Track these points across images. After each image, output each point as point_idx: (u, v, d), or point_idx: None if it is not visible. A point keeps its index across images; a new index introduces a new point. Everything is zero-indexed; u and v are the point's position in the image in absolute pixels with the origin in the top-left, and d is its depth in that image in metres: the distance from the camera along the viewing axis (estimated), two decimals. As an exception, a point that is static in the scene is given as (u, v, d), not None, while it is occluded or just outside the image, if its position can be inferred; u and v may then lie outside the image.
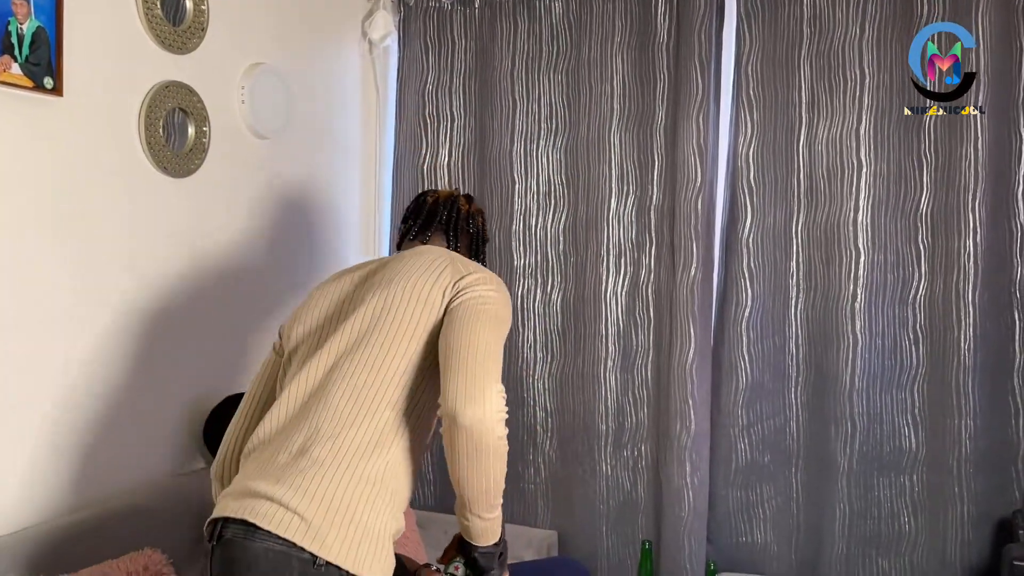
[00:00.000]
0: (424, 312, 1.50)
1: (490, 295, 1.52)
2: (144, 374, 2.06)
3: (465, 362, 1.39)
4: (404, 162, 2.87)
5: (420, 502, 2.91)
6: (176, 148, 2.13)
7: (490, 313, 1.48)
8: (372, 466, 1.43)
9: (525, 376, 2.76)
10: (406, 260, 1.59)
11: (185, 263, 2.17)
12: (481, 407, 1.36)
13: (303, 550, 1.35)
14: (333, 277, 1.70)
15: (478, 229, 1.87)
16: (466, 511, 1.51)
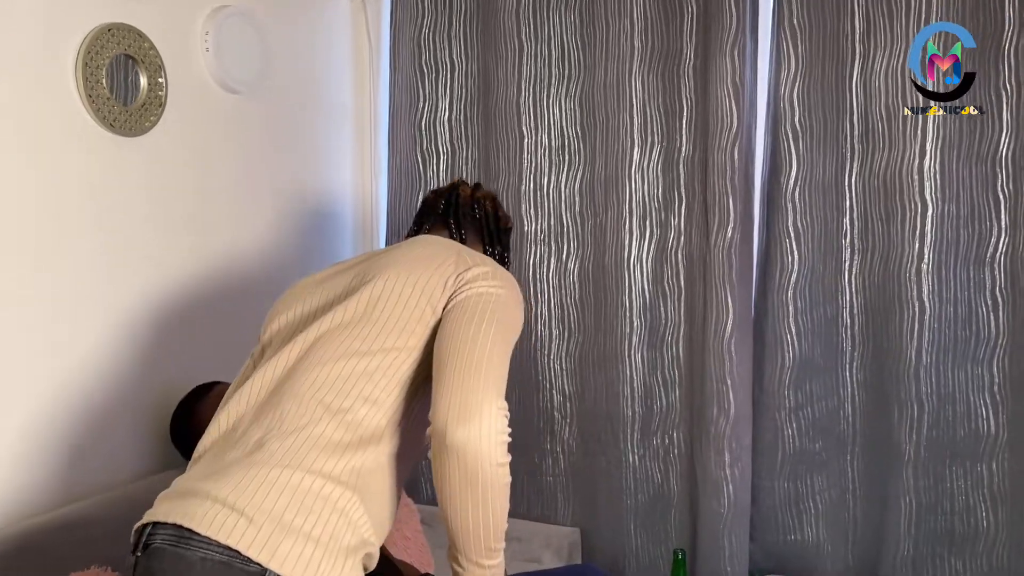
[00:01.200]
0: (423, 303, 1.28)
1: (498, 293, 1.30)
2: (99, 367, 1.79)
3: (461, 371, 1.17)
4: (400, 118, 2.56)
5: (428, 496, 2.63)
6: (125, 102, 1.84)
7: (497, 314, 1.26)
8: (341, 467, 1.17)
9: (539, 356, 2.45)
10: (406, 247, 1.39)
11: (143, 231, 1.89)
12: (476, 427, 1.13)
13: (249, 561, 1.08)
14: (326, 270, 1.47)
15: (487, 215, 1.64)
16: (459, 556, 1.24)
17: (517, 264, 2.45)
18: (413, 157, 2.53)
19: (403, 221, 2.58)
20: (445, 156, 2.53)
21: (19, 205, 1.63)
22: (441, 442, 1.14)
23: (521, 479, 2.51)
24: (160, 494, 1.22)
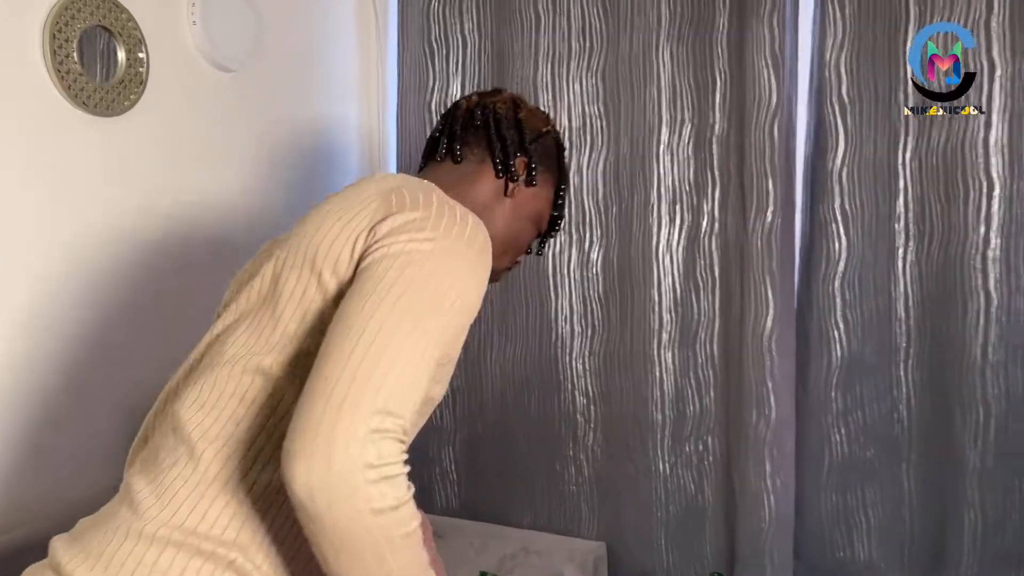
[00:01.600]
0: (314, 280, 0.93)
1: (423, 250, 0.89)
2: (69, 369, 1.63)
3: (330, 375, 0.81)
4: (408, 98, 2.38)
5: (443, 505, 2.45)
6: (99, 77, 1.68)
7: (409, 286, 0.86)
8: (207, 516, 0.89)
9: (561, 354, 2.25)
10: (329, 200, 1.01)
11: (120, 222, 1.73)
12: (320, 461, 0.76)
13: None
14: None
15: (497, 119, 1.20)
16: None
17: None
18: (423, 135, 2.35)
19: (413, 210, 2.40)
20: (457, 139, 2.34)
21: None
22: (288, 487, 0.79)
23: (542, 487, 2.31)
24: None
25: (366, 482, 0.77)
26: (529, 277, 2.27)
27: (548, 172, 1.25)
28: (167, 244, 1.84)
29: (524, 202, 1.23)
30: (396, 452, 0.81)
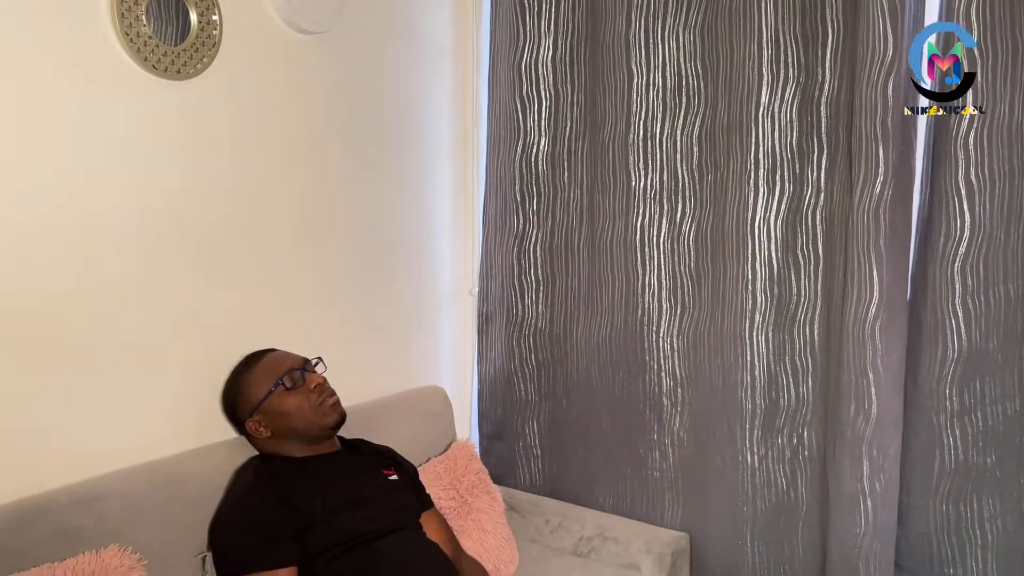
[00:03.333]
0: None
1: None
2: (144, 322, 1.67)
3: None
4: (500, 59, 2.28)
5: (525, 480, 2.38)
6: (168, 40, 1.68)
7: None
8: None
9: (647, 331, 2.12)
10: None
11: (195, 188, 1.74)
12: None
13: None
14: None
15: None
16: None
17: (623, 225, 2.12)
18: (512, 103, 2.25)
19: (501, 176, 2.31)
20: (547, 101, 2.22)
21: (51, 159, 1.50)
22: None
23: (624, 471, 2.20)
24: None
25: None
26: (616, 250, 2.14)
27: None
28: (237, 211, 1.84)
29: None
30: None
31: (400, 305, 2.31)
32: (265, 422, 1.71)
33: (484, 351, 2.44)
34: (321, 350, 1.84)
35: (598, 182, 2.17)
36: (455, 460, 2.11)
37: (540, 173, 2.26)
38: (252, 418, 1.72)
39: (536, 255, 2.30)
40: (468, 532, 2.00)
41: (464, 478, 2.08)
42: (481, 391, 2.46)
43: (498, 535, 2.06)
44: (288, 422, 1.71)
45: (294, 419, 1.71)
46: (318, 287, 2.04)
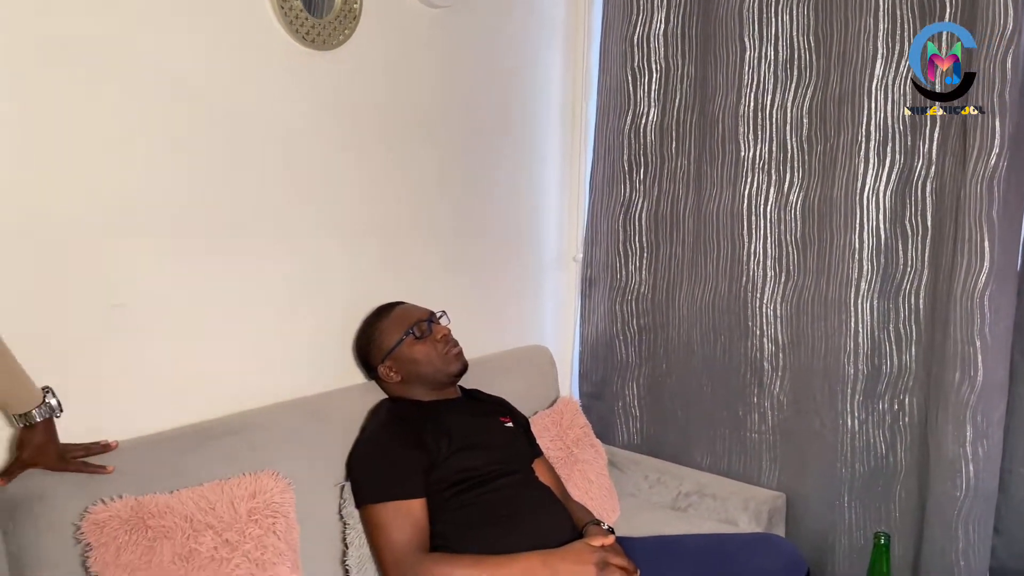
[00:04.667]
0: None
1: None
2: (281, 273, 1.83)
3: None
4: (612, 32, 2.37)
5: (623, 439, 2.49)
6: (316, 13, 1.83)
7: None
8: None
9: (751, 298, 2.19)
10: None
11: (331, 151, 1.89)
12: None
13: None
14: None
15: None
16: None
17: (730, 194, 2.19)
18: (623, 75, 2.33)
19: (610, 145, 2.41)
20: (657, 74, 2.30)
21: (209, 116, 1.67)
22: None
23: (723, 432, 2.29)
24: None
25: None
26: (722, 218, 2.22)
27: None
28: (369, 172, 1.99)
29: None
30: None
31: (508, 268, 2.43)
32: (395, 367, 1.86)
33: (587, 314, 2.55)
34: (438, 306, 1.97)
35: (706, 152, 2.24)
36: (561, 414, 2.23)
37: (648, 143, 2.34)
38: (384, 364, 1.87)
39: (641, 222, 2.39)
40: (574, 481, 2.12)
41: (570, 431, 2.20)
42: (583, 352, 2.57)
43: (601, 485, 2.18)
44: (416, 368, 1.85)
45: (422, 366, 1.85)
46: (437, 248, 2.18)
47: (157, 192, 1.59)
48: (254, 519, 1.51)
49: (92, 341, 1.53)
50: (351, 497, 1.72)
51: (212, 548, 1.44)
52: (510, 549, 1.63)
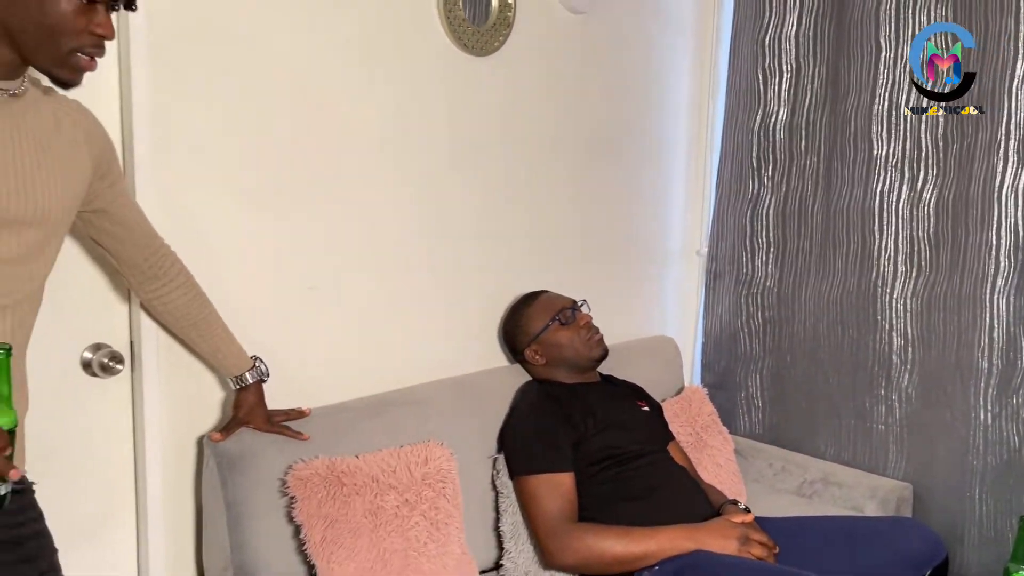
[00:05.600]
0: None
1: None
2: (440, 262, 1.99)
3: None
4: (743, 34, 2.44)
5: (745, 428, 2.57)
6: (478, 23, 1.98)
7: None
8: None
9: (881, 292, 2.24)
10: None
11: (486, 148, 2.04)
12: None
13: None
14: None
15: None
16: None
17: (861, 191, 2.25)
18: (753, 75, 2.41)
19: (738, 143, 2.49)
20: (788, 74, 2.37)
21: (380, 115, 1.83)
22: None
23: (848, 423, 2.35)
24: None
25: None
26: (852, 215, 2.27)
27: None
28: (516, 168, 2.13)
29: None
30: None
31: (635, 261, 2.54)
32: (541, 351, 1.99)
33: (711, 307, 2.64)
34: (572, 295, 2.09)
35: (837, 150, 2.30)
36: (689, 402, 2.33)
37: (778, 141, 2.42)
38: (530, 347, 2.01)
39: (769, 218, 2.47)
40: (703, 465, 2.22)
41: (698, 418, 2.30)
42: (706, 343, 2.66)
43: (729, 471, 2.27)
44: (560, 352, 1.98)
45: (566, 350, 1.98)
46: (572, 241, 2.31)
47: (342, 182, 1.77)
48: (427, 483, 1.67)
49: (291, 319, 1.71)
50: (504, 468, 1.87)
51: (395, 506, 1.60)
52: (651, 524, 1.75)
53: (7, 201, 1.06)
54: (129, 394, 1.56)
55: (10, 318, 1.10)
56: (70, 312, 1.44)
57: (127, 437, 1.56)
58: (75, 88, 1.11)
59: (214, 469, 1.52)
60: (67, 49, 1.05)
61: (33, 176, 1.10)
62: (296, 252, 1.71)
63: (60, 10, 1.03)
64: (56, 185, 1.13)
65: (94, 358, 1.49)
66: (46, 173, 1.12)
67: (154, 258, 1.39)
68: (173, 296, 1.43)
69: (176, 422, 1.59)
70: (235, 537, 1.51)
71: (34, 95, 1.13)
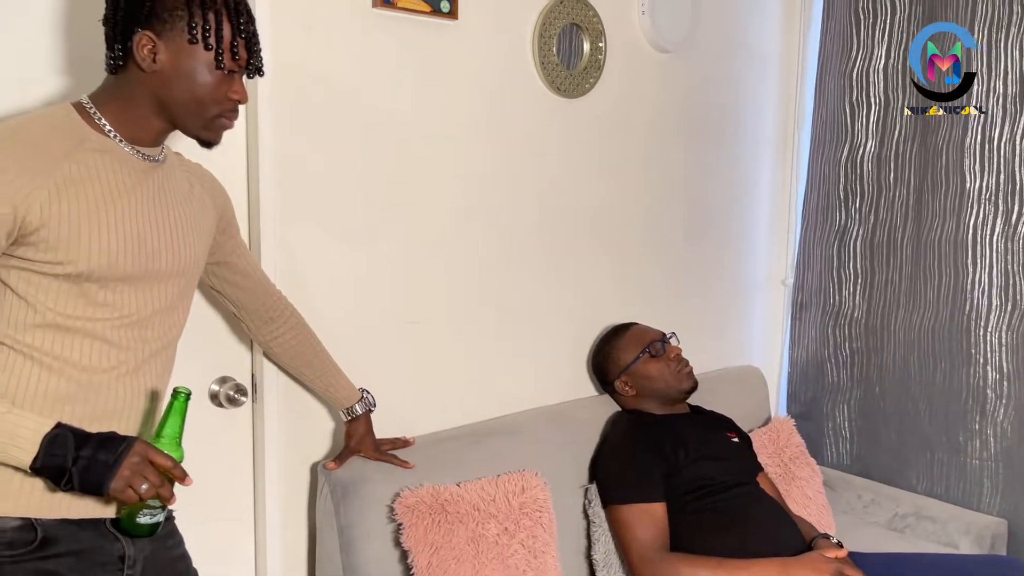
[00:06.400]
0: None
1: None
2: (531, 295, 2.07)
3: None
4: (829, 67, 2.47)
5: (833, 460, 2.57)
6: (570, 67, 2.06)
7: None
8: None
9: (975, 326, 2.23)
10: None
11: (575, 186, 2.12)
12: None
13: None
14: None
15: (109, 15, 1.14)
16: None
17: (953, 224, 2.24)
18: (840, 107, 2.43)
19: (824, 175, 2.50)
20: (876, 107, 2.38)
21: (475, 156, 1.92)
22: None
23: (941, 457, 2.33)
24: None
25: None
26: (944, 248, 2.27)
27: (168, 26, 1.11)
28: (601, 207, 2.20)
29: (169, 68, 1.13)
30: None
31: (719, 292, 2.57)
32: (631, 383, 2.05)
33: (797, 337, 2.65)
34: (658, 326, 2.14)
35: (927, 182, 2.30)
36: (777, 433, 2.34)
37: (866, 173, 2.43)
38: (620, 379, 2.06)
39: (856, 249, 2.47)
40: (792, 497, 2.23)
41: (786, 449, 2.31)
42: (792, 373, 2.67)
43: (818, 503, 2.27)
44: (651, 384, 2.03)
45: (656, 382, 2.03)
46: (659, 272, 2.36)
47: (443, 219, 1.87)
48: (525, 512, 1.74)
49: (393, 352, 1.81)
50: (596, 497, 1.92)
51: (496, 534, 1.67)
52: (744, 555, 1.77)
53: (162, 257, 1.18)
54: (250, 424, 1.67)
55: (161, 361, 1.22)
56: (200, 348, 1.56)
57: (248, 463, 1.68)
58: (216, 146, 1.23)
59: (328, 495, 1.62)
60: (212, 115, 1.18)
61: (178, 233, 1.22)
62: (397, 289, 1.81)
63: (208, 82, 1.15)
64: (194, 240, 1.26)
65: (221, 390, 1.62)
66: (186, 230, 1.24)
67: (269, 302, 1.51)
68: (287, 338, 1.54)
69: (292, 450, 1.70)
70: (347, 559, 1.61)
71: (171, 160, 1.26)
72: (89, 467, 1.02)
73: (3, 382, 1.09)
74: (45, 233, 1.05)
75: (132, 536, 1.13)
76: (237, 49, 1.15)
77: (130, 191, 1.15)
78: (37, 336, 1.09)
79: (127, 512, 1.10)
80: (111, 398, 1.14)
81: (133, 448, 1.05)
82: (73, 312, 1.10)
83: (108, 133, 1.14)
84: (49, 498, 1.10)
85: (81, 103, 1.15)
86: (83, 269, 1.09)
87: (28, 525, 1.09)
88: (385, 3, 1.69)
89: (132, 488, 1.04)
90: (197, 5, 1.11)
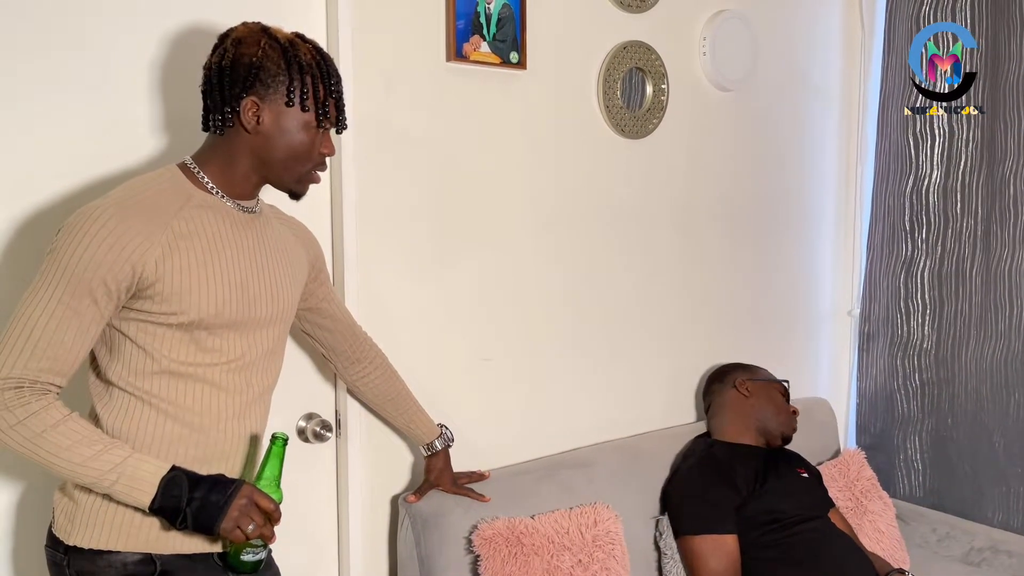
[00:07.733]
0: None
1: (54, 242, 1.14)
2: (599, 331, 2.12)
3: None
4: (891, 105, 2.48)
5: (905, 492, 2.55)
6: (633, 109, 2.12)
7: (42, 268, 1.13)
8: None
9: (1049, 357, 2.20)
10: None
11: (639, 224, 2.17)
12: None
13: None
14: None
15: (208, 80, 1.23)
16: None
17: (1008, 260, 2.23)
18: (904, 140, 2.44)
19: (889, 207, 2.51)
20: (941, 138, 2.39)
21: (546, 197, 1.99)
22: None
23: (1017, 490, 2.29)
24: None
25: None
26: (1015, 277, 2.26)
27: (271, 91, 1.20)
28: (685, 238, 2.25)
29: (271, 128, 1.22)
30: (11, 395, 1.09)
31: (787, 324, 2.58)
32: (753, 391, 2.10)
33: (865, 368, 2.64)
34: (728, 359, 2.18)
35: (995, 212, 2.30)
36: (848, 466, 2.34)
37: (931, 204, 2.43)
38: (745, 383, 2.11)
39: (923, 280, 2.47)
40: (864, 531, 2.22)
41: (857, 483, 2.30)
42: (860, 405, 2.66)
43: (892, 537, 2.26)
44: (767, 410, 2.09)
45: (772, 412, 2.09)
46: (725, 305, 2.39)
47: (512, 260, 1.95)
48: (598, 544, 1.78)
49: (468, 388, 1.88)
50: (668, 529, 1.95)
51: (570, 567, 1.72)
52: (817, 589, 1.79)
53: (261, 303, 1.28)
54: (334, 458, 1.76)
55: (262, 406, 1.31)
56: (288, 386, 1.64)
57: (332, 496, 1.76)
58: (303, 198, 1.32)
59: (409, 527, 1.69)
60: (306, 169, 1.27)
61: (275, 281, 1.31)
62: (470, 328, 1.88)
63: (304, 140, 1.24)
64: (289, 287, 1.35)
65: (307, 426, 1.70)
66: (282, 277, 1.33)
67: (356, 344, 1.59)
68: (372, 377, 1.62)
69: (374, 484, 1.77)
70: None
71: (266, 212, 1.35)
72: (202, 508, 1.11)
73: (124, 426, 1.18)
74: (160, 287, 1.15)
75: (237, 573, 1.21)
76: (328, 108, 1.24)
77: (232, 242, 1.24)
78: (155, 383, 1.19)
79: (233, 550, 1.18)
80: (219, 441, 1.23)
81: (241, 491, 1.14)
82: (186, 359, 1.19)
83: (211, 190, 1.24)
84: (164, 535, 1.19)
85: (185, 164, 1.25)
86: (194, 317, 1.18)
87: (148, 559, 1.18)
88: (459, 57, 1.78)
89: (240, 528, 1.12)
90: (296, 71, 1.21)
